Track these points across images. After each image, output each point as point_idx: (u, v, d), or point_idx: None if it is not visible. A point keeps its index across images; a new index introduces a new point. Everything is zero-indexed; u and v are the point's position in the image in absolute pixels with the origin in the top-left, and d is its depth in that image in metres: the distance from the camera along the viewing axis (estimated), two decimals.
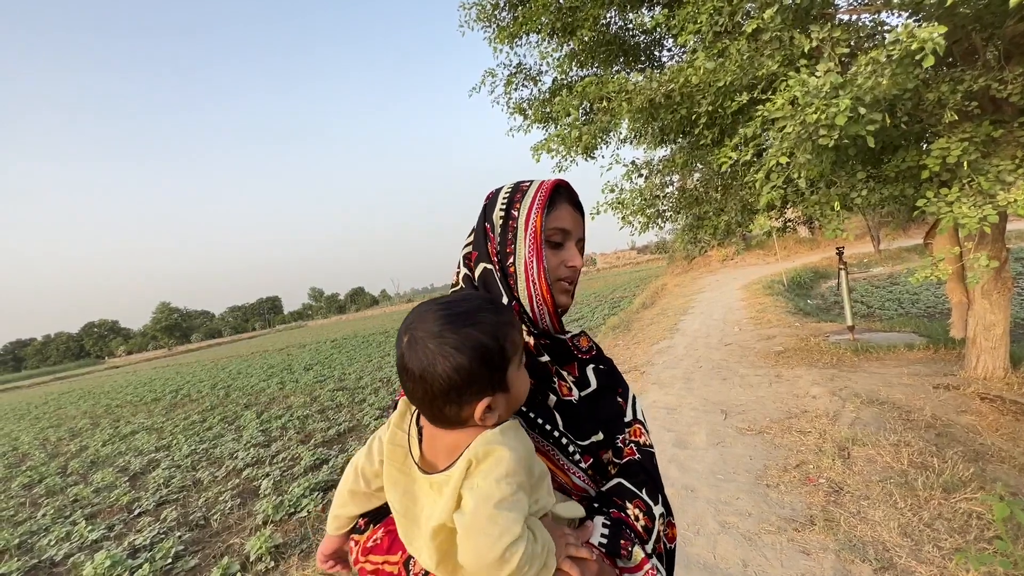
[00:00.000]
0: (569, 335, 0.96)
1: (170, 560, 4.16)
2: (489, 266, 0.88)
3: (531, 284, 0.86)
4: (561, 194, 0.91)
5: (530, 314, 0.87)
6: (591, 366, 0.93)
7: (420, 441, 0.73)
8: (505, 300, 0.87)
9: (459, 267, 0.93)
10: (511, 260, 0.87)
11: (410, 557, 0.72)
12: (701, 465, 3.63)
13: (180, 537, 4.55)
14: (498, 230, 0.88)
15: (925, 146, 3.70)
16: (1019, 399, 4.04)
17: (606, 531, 0.75)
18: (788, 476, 3.27)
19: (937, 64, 3.07)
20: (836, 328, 7.50)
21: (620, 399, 0.93)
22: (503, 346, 0.67)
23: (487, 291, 0.88)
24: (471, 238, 0.93)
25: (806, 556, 2.47)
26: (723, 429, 4.24)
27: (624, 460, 0.86)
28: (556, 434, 0.81)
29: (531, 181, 0.93)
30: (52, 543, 4.99)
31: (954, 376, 4.64)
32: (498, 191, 0.94)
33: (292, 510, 4.63)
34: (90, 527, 5.13)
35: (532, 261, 0.86)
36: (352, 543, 0.82)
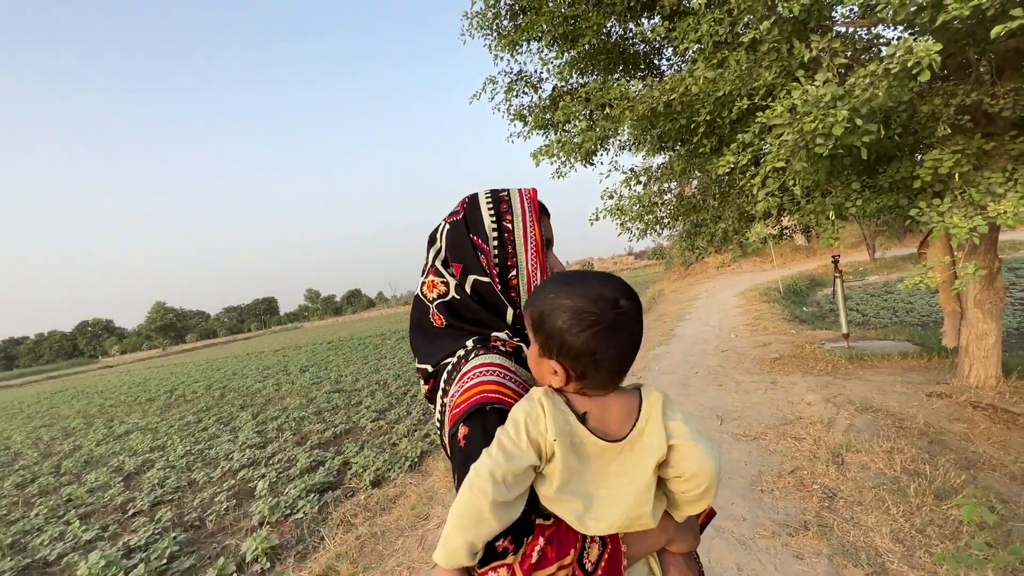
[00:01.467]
0: None
1: (165, 560, 4.14)
2: (485, 279, 0.89)
3: None
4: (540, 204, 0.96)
5: None
6: None
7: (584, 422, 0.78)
8: (511, 312, 0.90)
9: (441, 275, 0.91)
10: (512, 273, 0.89)
11: (583, 550, 0.74)
12: None
13: (175, 538, 4.53)
14: (493, 243, 0.89)
15: (919, 157, 3.76)
16: (1011, 408, 4.08)
17: None
18: (783, 482, 3.30)
19: (931, 78, 3.13)
20: (831, 335, 7.56)
21: None
22: None
23: (484, 302, 0.89)
24: (440, 245, 0.92)
25: (799, 561, 2.50)
26: (719, 434, 4.28)
27: None
28: None
29: (506, 190, 0.94)
30: (45, 543, 4.96)
31: (947, 384, 4.69)
32: (475, 201, 0.92)
33: (288, 511, 4.62)
34: (84, 527, 5.10)
35: (536, 272, 0.89)
36: (504, 570, 0.70)
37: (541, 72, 5.88)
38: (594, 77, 5.49)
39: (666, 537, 0.82)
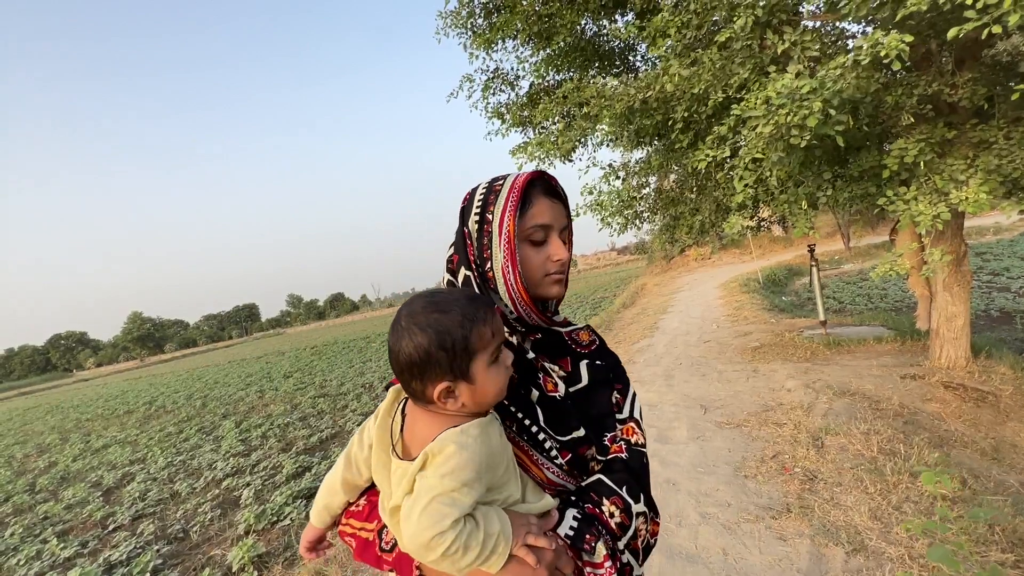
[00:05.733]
0: (570, 328, 0.97)
1: (148, 574, 4.07)
2: (469, 273, 0.88)
3: (510, 288, 0.86)
4: (537, 187, 0.89)
5: (516, 314, 0.88)
6: (586, 361, 0.93)
7: (402, 428, 0.79)
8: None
9: (446, 271, 0.94)
10: (488, 266, 0.86)
11: (384, 527, 0.80)
12: (683, 459, 3.71)
13: (158, 551, 4.44)
14: (474, 236, 0.88)
15: (886, 147, 3.87)
16: (980, 387, 4.24)
17: (575, 524, 0.77)
18: (765, 467, 3.37)
19: (894, 69, 3.22)
20: (809, 323, 7.73)
21: (618, 395, 0.94)
22: (467, 337, 0.72)
23: None
24: (455, 240, 0.95)
25: (783, 542, 2.56)
26: (703, 424, 4.35)
27: (609, 457, 0.87)
28: (534, 429, 0.83)
29: (504, 178, 0.90)
30: (22, 563, 4.82)
31: (920, 366, 4.83)
32: (474, 192, 0.91)
33: (275, 519, 4.57)
34: (62, 544, 4.97)
35: (508, 266, 0.85)
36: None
37: (518, 70, 5.90)
38: (571, 74, 5.52)
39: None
